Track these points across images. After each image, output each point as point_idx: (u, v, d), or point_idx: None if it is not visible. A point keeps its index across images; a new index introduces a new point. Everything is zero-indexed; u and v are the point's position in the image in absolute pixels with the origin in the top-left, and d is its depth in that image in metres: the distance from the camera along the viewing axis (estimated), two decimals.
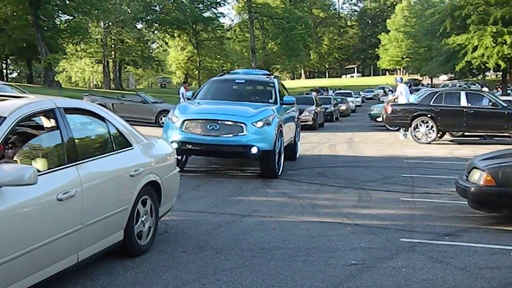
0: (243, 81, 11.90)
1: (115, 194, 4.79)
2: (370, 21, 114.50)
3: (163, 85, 79.94)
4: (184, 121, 9.71)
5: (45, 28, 47.45)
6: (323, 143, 17.65)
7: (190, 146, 9.63)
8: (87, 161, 4.44)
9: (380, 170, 11.58)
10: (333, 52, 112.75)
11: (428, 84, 71.10)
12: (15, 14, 47.62)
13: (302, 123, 22.28)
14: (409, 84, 51.93)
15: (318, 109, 25.77)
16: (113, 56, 64.20)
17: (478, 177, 6.75)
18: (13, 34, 46.89)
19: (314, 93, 35.29)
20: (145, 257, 5.16)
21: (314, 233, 6.33)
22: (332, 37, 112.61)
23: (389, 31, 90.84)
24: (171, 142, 9.04)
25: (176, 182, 6.13)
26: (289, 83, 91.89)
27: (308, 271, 4.95)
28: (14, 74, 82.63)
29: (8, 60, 60.80)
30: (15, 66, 77.33)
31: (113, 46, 62.94)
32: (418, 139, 17.39)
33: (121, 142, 5.11)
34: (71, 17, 51.36)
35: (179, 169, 6.21)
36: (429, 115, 17.27)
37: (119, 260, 5.01)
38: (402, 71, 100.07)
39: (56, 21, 51.19)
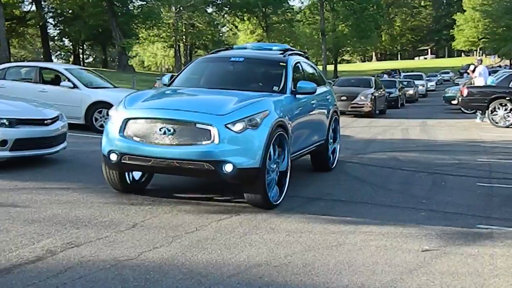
0: (241, 59, 8.20)
1: None
2: (444, 1, 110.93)
3: None
4: (126, 120, 6.34)
5: (119, 14, 48.99)
6: (395, 127, 17.34)
7: (132, 161, 6.23)
8: None
9: (455, 155, 11.26)
10: (406, 33, 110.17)
11: (506, 66, 68.15)
12: (90, 1, 49.29)
13: (356, 110, 20.96)
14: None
15: (378, 93, 22.74)
16: (184, 40, 65.36)
17: None
18: (89, 20, 48.63)
19: (386, 76, 34.72)
20: (219, 237, 5.22)
21: (387, 217, 6.23)
22: (404, 17, 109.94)
23: (465, 10, 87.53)
24: (108, 152, 6.37)
25: None
26: (360, 66, 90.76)
27: (380, 256, 4.88)
28: (90, 59, 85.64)
29: (84, 45, 63.05)
30: (91, 51, 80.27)
31: (184, 30, 64.03)
32: (496, 122, 16.84)
33: None
34: (144, 3, 52.75)
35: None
36: (508, 98, 16.69)
37: (192, 240, 5.11)
38: (479, 52, 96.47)
39: (129, 7, 52.70)
